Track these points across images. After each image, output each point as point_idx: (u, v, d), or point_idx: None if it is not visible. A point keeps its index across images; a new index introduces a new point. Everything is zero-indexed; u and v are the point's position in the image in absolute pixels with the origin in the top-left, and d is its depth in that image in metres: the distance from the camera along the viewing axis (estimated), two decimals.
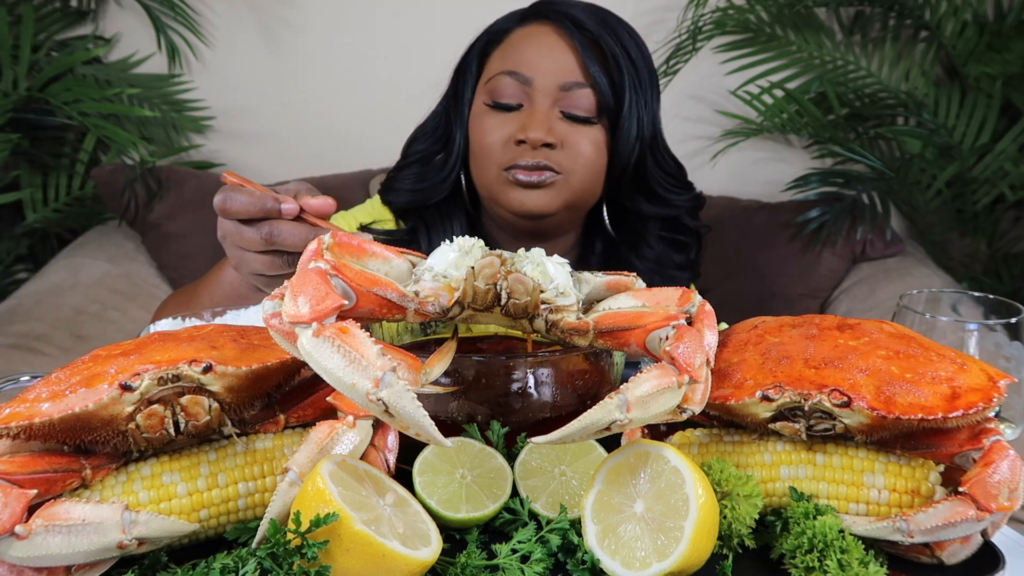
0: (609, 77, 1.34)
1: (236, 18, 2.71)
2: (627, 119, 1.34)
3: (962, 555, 0.74)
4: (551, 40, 1.35)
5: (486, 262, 0.75)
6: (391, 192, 1.49)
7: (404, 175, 1.48)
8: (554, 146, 1.32)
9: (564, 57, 1.34)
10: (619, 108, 1.34)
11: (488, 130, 1.36)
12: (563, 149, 1.34)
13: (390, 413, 0.63)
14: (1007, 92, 2.62)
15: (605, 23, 1.36)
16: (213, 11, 2.70)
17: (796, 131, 2.77)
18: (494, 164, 1.36)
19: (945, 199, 2.74)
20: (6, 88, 2.46)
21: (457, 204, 1.47)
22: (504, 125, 1.35)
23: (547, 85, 1.33)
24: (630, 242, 1.47)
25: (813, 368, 0.77)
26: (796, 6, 2.66)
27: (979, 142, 2.64)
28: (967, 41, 2.67)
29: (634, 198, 1.43)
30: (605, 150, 1.37)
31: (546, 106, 1.34)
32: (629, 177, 1.39)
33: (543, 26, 1.37)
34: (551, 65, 1.34)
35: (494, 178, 1.37)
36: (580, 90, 1.33)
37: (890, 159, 2.83)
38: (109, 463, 0.74)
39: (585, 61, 1.33)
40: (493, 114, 1.36)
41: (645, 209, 1.44)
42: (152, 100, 2.70)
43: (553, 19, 1.36)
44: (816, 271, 2.52)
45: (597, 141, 1.36)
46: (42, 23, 2.63)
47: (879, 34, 2.77)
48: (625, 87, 1.34)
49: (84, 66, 2.59)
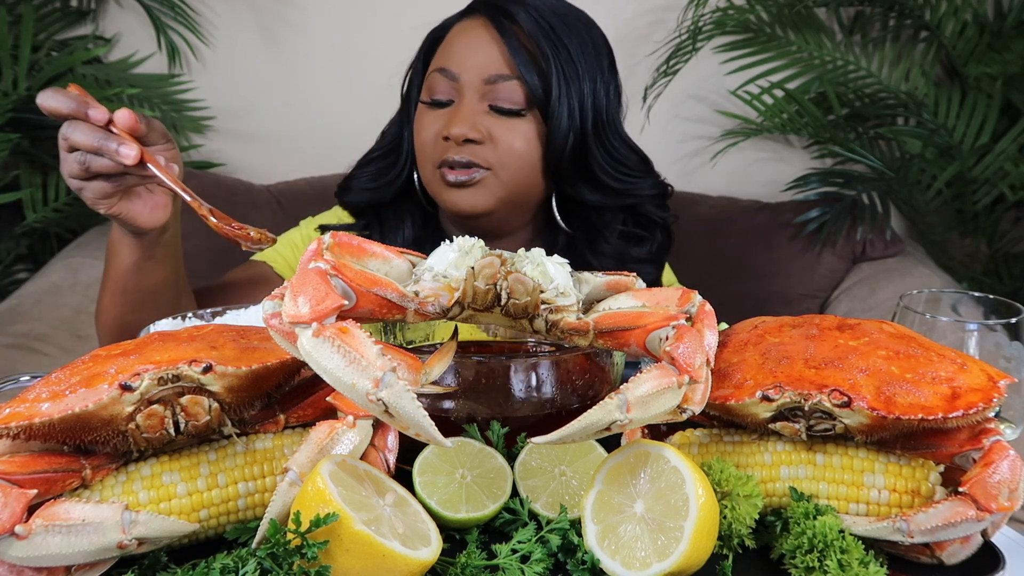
0: (537, 67, 1.33)
1: (236, 18, 2.71)
2: (557, 108, 1.33)
3: (962, 555, 0.74)
4: (479, 34, 1.35)
5: (486, 262, 0.75)
6: (347, 191, 1.51)
7: (361, 174, 1.50)
8: (479, 141, 1.33)
9: (489, 50, 1.34)
10: (548, 98, 1.33)
11: (423, 127, 1.38)
12: (490, 144, 1.33)
13: (390, 413, 0.63)
14: (1007, 92, 2.62)
15: (540, 12, 1.35)
16: (213, 11, 2.70)
17: (796, 131, 2.77)
18: (428, 162, 1.37)
19: (945, 199, 2.74)
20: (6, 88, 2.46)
21: (411, 203, 1.49)
22: (436, 121, 1.36)
23: (473, 80, 1.34)
24: (587, 238, 1.45)
25: (813, 368, 0.77)
26: (796, 6, 2.66)
27: (979, 142, 2.64)
28: (967, 41, 2.67)
29: (578, 187, 1.40)
30: (538, 141, 1.35)
31: (473, 101, 1.34)
32: (569, 166, 1.37)
33: (475, 20, 1.38)
34: (476, 59, 1.34)
35: (430, 176, 1.38)
36: (506, 83, 1.33)
37: (890, 159, 2.83)
38: (109, 463, 0.74)
39: (511, 53, 1.32)
40: (428, 111, 1.38)
41: (594, 199, 1.41)
42: (152, 100, 2.70)
43: (485, 12, 1.37)
44: (816, 271, 2.52)
45: (528, 133, 1.34)
46: (42, 23, 2.62)
47: (879, 34, 2.77)
48: (553, 76, 1.32)
49: (84, 66, 2.59)
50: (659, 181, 1.49)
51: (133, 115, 1.05)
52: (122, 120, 1.04)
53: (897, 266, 2.46)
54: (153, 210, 1.17)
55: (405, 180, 1.47)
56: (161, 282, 1.26)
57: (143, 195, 1.15)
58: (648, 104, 2.70)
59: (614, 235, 1.44)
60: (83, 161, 1.05)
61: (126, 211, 1.14)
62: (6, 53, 2.44)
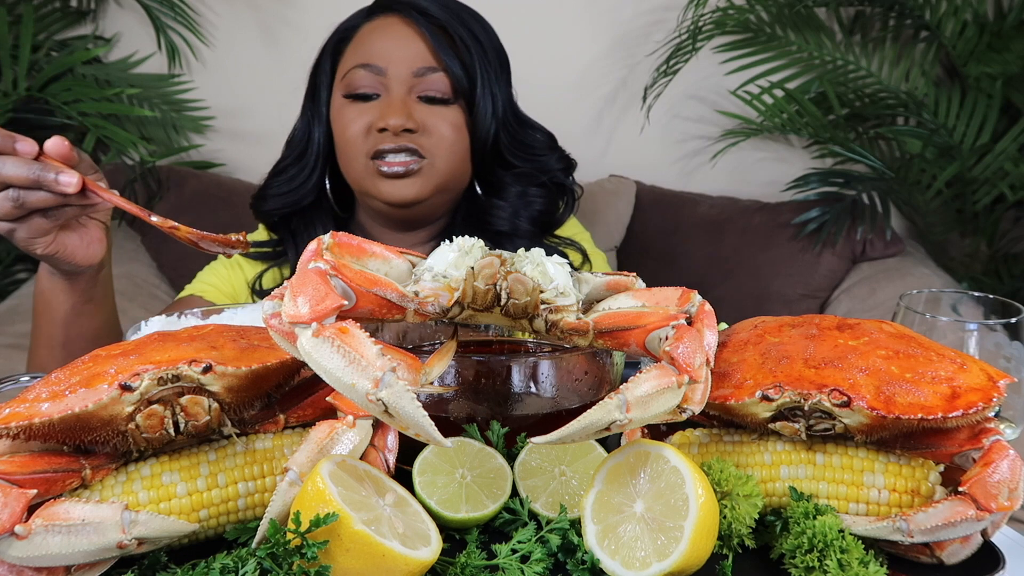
0: (460, 60, 1.39)
1: (236, 18, 2.71)
2: (481, 98, 1.40)
3: (962, 555, 0.74)
4: (400, 30, 1.40)
5: (486, 262, 0.75)
6: (263, 200, 1.51)
7: (274, 182, 1.51)
8: (415, 131, 1.36)
9: (414, 44, 1.38)
10: (473, 88, 1.39)
11: (348, 122, 1.39)
12: (424, 133, 1.37)
13: (390, 413, 0.63)
14: (1007, 92, 2.62)
15: (449, 9, 1.41)
16: (213, 11, 2.70)
17: (796, 131, 2.77)
18: (360, 154, 1.39)
19: (945, 199, 2.74)
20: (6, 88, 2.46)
21: (323, 209, 1.51)
22: (363, 115, 1.38)
23: (401, 73, 1.37)
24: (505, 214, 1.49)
25: (813, 368, 0.77)
26: (796, 6, 2.66)
27: (979, 142, 2.64)
28: (967, 41, 2.67)
29: (496, 172, 1.47)
30: (465, 130, 1.41)
31: (403, 93, 1.37)
32: (490, 153, 1.44)
33: (390, 18, 1.42)
34: (402, 53, 1.38)
35: (362, 170, 1.39)
36: (433, 74, 1.38)
37: (890, 159, 2.83)
38: (109, 463, 0.74)
39: (435, 46, 1.38)
40: (352, 106, 1.40)
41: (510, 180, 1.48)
42: (152, 100, 2.70)
43: (399, 10, 1.41)
44: (816, 271, 2.52)
45: (456, 122, 1.40)
46: (42, 23, 2.62)
47: (879, 34, 2.77)
48: (476, 68, 1.39)
49: (84, 66, 2.59)
50: (563, 155, 1.57)
51: (67, 142, 1.00)
52: (56, 148, 0.98)
53: (897, 266, 2.46)
54: (89, 245, 1.11)
55: (317, 183, 1.48)
56: (103, 325, 1.22)
57: (77, 230, 1.09)
58: (648, 104, 2.70)
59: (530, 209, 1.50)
60: (17, 197, 0.98)
61: (63, 249, 1.07)
62: (6, 53, 2.44)
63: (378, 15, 1.43)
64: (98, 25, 2.73)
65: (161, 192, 2.49)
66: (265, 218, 1.53)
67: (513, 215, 1.47)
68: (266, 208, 1.51)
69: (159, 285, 2.47)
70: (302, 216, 1.50)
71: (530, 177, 1.49)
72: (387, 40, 1.39)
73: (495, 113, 1.41)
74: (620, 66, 2.82)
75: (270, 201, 1.50)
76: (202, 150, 2.80)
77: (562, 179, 1.54)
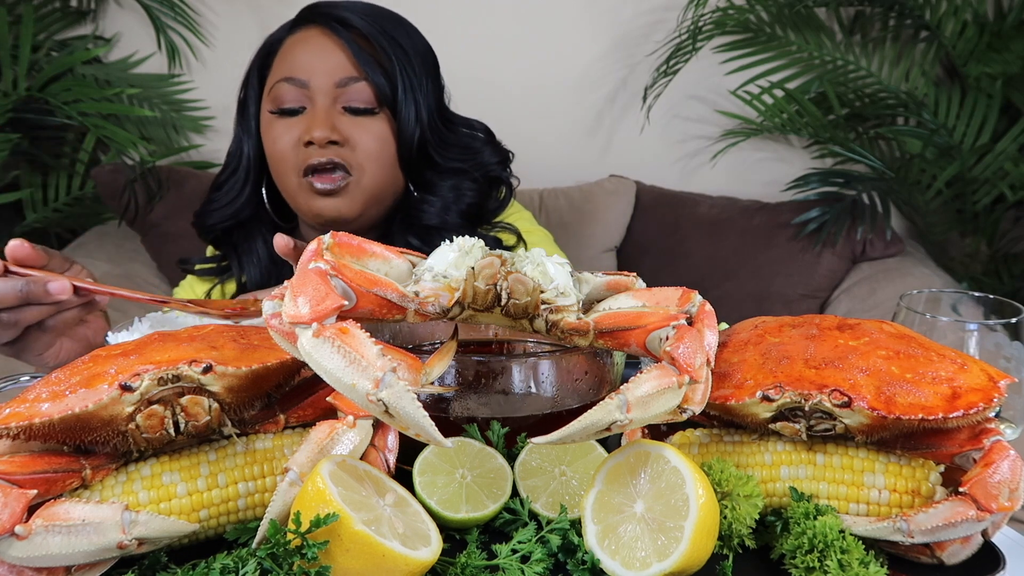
0: (381, 68, 1.39)
1: (236, 18, 2.71)
2: (404, 104, 1.40)
3: (962, 555, 0.74)
4: (321, 41, 1.40)
5: (486, 262, 0.75)
6: (204, 217, 1.53)
7: (213, 198, 1.53)
8: (340, 143, 1.37)
9: (335, 55, 1.39)
10: (395, 96, 1.40)
11: (276, 137, 1.40)
12: (350, 146, 1.38)
13: (390, 414, 0.63)
14: (1007, 92, 2.62)
15: (371, 17, 1.42)
16: (213, 11, 2.70)
17: (796, 131, 2.77)
18: (291, 170, 1.39)
19: (945, 199, 2.74)
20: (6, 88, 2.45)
21: (263, 221, 1.52)
22: (290, 129, 1.39)
23: (323, 84, 1.38)
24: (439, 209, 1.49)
25: (813, 368, 0.77)
26: (796, 6, 2.66)
27: (979, 142, 2.64)
28: (967, 41, 2.67)
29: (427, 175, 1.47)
30: (392, 138, 1.41)
31: (327, 105, 1.38)
32: (418, 159, 1.44)
33: (311, 30, 1.42)
34: (324, 65, 1.38)
35: (295, 186, 1.40)
36: (356, 84, 1.38)
37: (890, 159, 2.83)
38: (109, 463, 0.74)
39: (355, 56, 1.38)
40: (279, 121, 1.40)
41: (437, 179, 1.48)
42: (152, 100, 2.70)
43: (320, 22, 1.41)
44: (816, 271, 2.52)
45: (382, 132, 1.40)
46: (42, 23, 2.63)
47: (879, 34, 2.77)
48: (397, 75, 1.39)
49: (84, 66, 2.59)
50: (500, 148, 1.57)
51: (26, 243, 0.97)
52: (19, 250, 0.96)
53: (897, 266, 2.46)
54: (96, 335, 1.11)
55: (251, 197, 1.50)
56: None
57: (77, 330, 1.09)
58: (648, 104, 2.70)
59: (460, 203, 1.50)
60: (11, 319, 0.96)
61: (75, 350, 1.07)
62: (6, 53, 2.44)
63: (300, 27, 1.44)
64: (98, 25, 2.73)
65: (161, 192, 2.48)
66: (207, 234, 1.55)
67: (443, 210, 1.47)
68: (208, 223, 1.52)
69: (159, 285, 2.47)
70: (242, 229, 1.52)
71: (462, 173, 1.49)
72: (309, 52, 1.40)
73: (419, 119, 1.41)
74: (620, 66, 2.82)
75: (210, 216, 1.52)
76: (202, 150, 2.80)
77: (498, 172, 1.54)
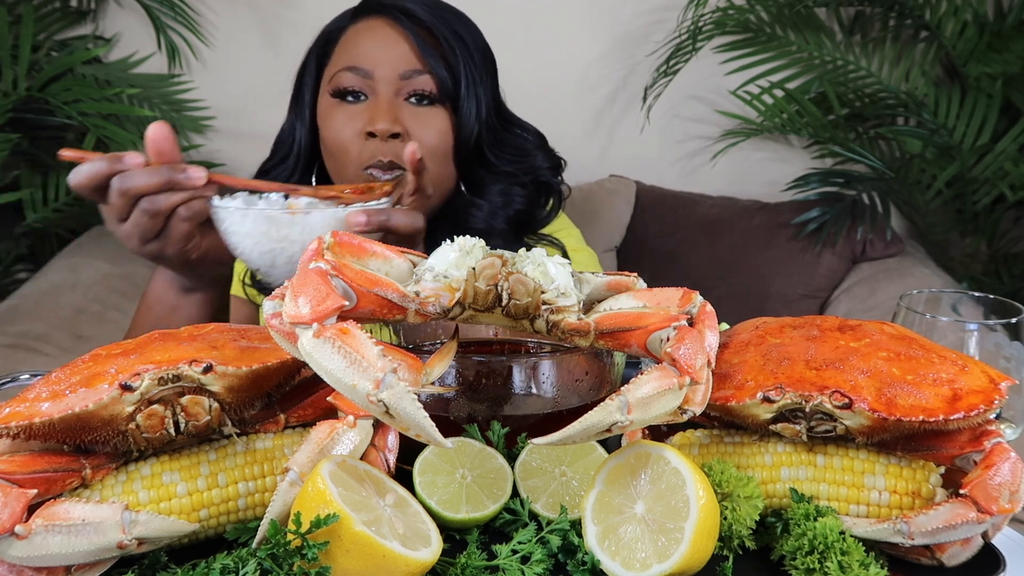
0: (444, 61, 1.40)
1: (236, 18, 2.71)
2: (466, 99, 1.41)
3: (962, 557, 0.74)
4: (386, 32, 1.40)
5: (487, 263, 0.75)
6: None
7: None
8: (401, 136, 1.37)
9: (400, 47, 1.39)
10: (458, 91, 1.40)
11: (339, 125, 1.40)
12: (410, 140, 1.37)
13: (391, 414, 0.63)
14: (1007, 92, 2.62)
15: (434, 10, 1.42)
16: (213, 11, 2.70)
17: (796, 131, 2.77)
18: (351, 162, 1.39)
19: (945, 199, 2.74)
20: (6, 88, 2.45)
21: None
22: (352, 119, 1.39)
23: (387, 75, 1.38)
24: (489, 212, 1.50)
25: (814, 369, 0.77)
26: (796, 6, 2.66)
27: (979, 142, 2.64)
28: (967, 41, 2.67)
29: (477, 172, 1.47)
30: (451, 133, 1.42)
31: (390, 95, 1.38)
32: (475, 155, 1.45)
33: (375, 20, 1.42)
34: (388, 56, 1.39)
35: (353, 179, 1.40)
36: (419, 76, 1.39)
37: (890, 159, 2.83)
38: (109, 463, 0.74)
39: (420, 49, 1.38)
40: (340, 107, 1.41)
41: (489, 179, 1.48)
42: (152, 100, 2.70)
43: (385, 13, 1.42)
44: (816, 271, 2.52)
45: (442, 125, 1.40)
46: (42, 23, 2.62)
47: (879, 34, 2.77)
48: (460, 69, 1.40)
49: (84, 66, 2.59)
50: (552, 154, 1.57)
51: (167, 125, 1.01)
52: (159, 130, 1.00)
53: (897, 266, 2.46)
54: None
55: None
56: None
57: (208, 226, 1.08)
58: (648, 104, 2.70)
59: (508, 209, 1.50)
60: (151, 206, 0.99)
61: (214, 246, 1.07)
62: (6, 53, 2.44)
63: (363, 17, 1.45)
64: (98, 25, 2.72)
65: None
66: None
67: (490, 214, 1.47)
68: None
69: None
70: None
71: (513, 177, 1.49)
72: (373, 42, 1.40)
73: (479, 115, 1.42)
74: (620, 66, 2.82)
75: None
76: (202, 150, 2.80)
77: (548, 178, 1.54)
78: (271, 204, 1.05)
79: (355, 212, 1.01)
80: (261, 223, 0.99)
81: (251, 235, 1.00)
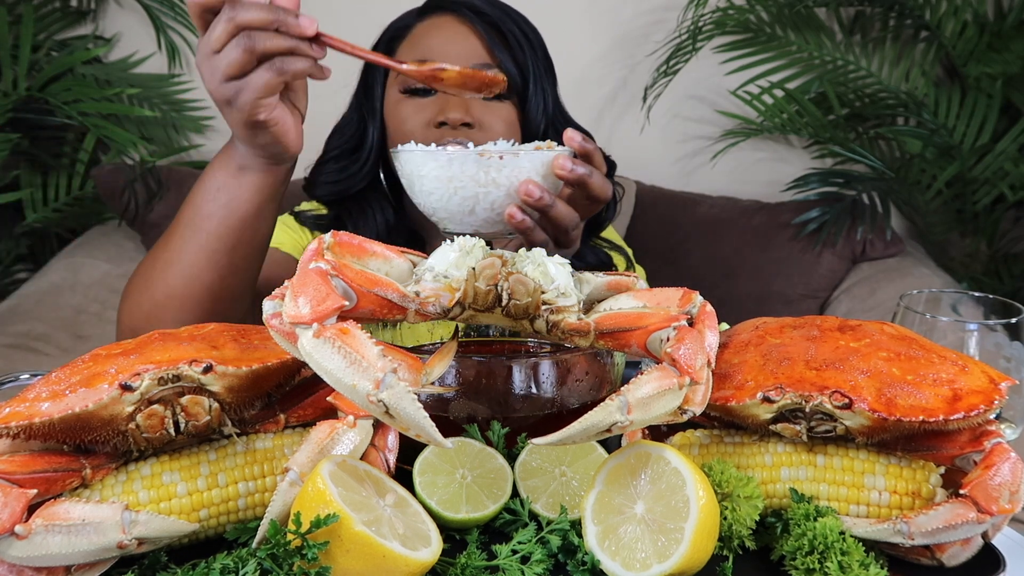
0: (513, 57, 1.42)
1: None
2: (533, 95, 1.44)
3: (962, 557, 0.74)
4: (455, 28, 1.43)
5: (487, 263, 0.75)
6: (313, 186, 1.55)
7: (324, 170, 1.54)
8: (472, 126, 1.38)
9: (470, 42, 1.42)
10: (525, 86, 1.43)
11: (406, 117, 1.42)
12: (482, 130, 1.40)
13: (391, 414, 0.63)
14: (1007, 92, 2.62)
15: (501, 8, 1.45)
16: None
17: (796, 131, 2.77)
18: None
19: (945, 199, 2.74)
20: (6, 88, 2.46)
21: (378, 194, 1.53)
22: (421, 111, 1.41)
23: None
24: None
25: (814, 369, 0.77)
26: (796, 6, 2.66)
27: (979, 142, 2.64)
28: (967, 41, 2.67)
29: None
30: (518, 126, 1.44)
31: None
32: None
33: (443, 17, 1.45)
34: (459, 51, 1.41)
35: None
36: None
37: (890, 159, 2.83)
38: (109, 463, 0.74)
39: (489, 43, 1.41)
40: (409, 101, 1.42)
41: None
42: (152, 100, 2.70)
43: (453, 10, 1.44)
44: (816, 271, 2.52)
45: (510, 119, 1.43)
46: (42, 23, 2.62)
47: (879, 34, 2.77)
48: (529, 66, 1.43)
49: (84, 66, 2.59)
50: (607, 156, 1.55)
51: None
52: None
53: (897, 266, 2.46)
54: (296, 127, 1.04)
55: (369, 174, 1.51)
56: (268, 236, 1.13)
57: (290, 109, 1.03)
58: (648, 104, 2.70)
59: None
60: (250, 43, 0.93)
61: (281, 123, 1.00)
62: (6, 53, 2.44)
63: (431, 14, 1.47)
64: (98, 25, 2.73)
65: (161, 192, 2.48)
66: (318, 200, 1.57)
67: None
68: (317, 194, 1.55)
69: None
70: (355, 200, 1.54)
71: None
72: (443, 38, 1.43)
73: (544, 111, 1.45)
74: (620, 66, 2.82)
75: (320, 188, 1.54)
76: (202, 150, 2.80)
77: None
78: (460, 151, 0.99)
79: (563, 157, 1.00)
80: (470, 166, 0.95)
81: (456, 179, 0.95)
